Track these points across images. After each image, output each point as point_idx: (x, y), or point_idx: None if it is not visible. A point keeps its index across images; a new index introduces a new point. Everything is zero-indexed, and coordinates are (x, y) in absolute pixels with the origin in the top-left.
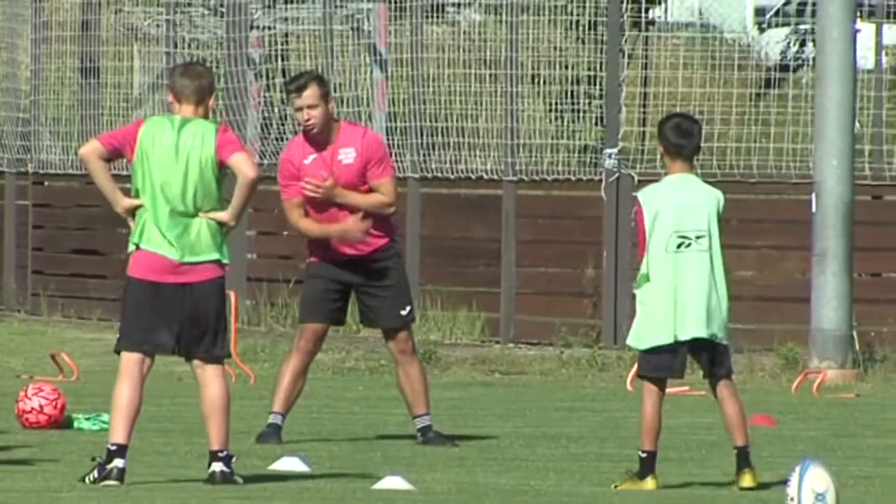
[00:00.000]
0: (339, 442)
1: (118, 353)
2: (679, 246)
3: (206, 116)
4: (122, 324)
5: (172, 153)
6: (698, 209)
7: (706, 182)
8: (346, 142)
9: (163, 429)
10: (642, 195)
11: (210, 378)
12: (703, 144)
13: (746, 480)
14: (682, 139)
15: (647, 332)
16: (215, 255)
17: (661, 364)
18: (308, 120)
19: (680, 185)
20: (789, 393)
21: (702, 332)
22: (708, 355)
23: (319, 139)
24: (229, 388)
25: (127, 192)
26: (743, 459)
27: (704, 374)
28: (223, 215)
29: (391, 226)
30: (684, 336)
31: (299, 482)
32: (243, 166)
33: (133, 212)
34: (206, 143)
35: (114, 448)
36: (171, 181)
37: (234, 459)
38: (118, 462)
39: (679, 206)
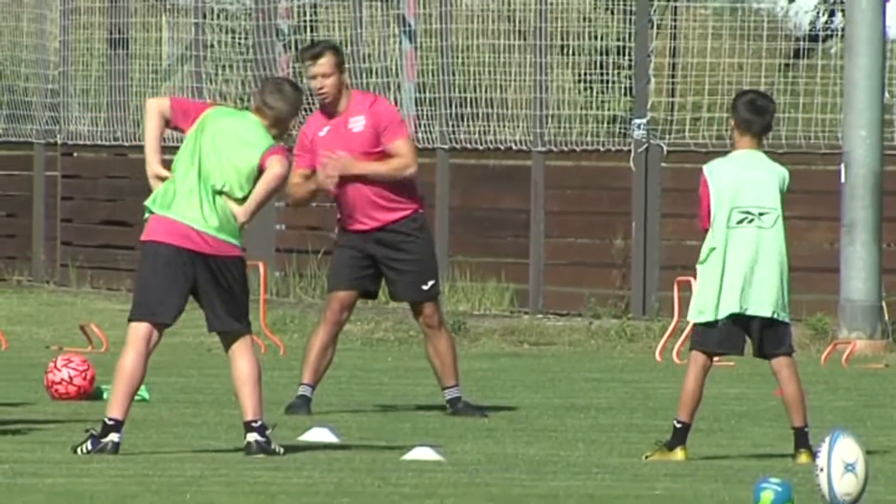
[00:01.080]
0: (368, 413)
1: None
2: (741, 221)
3: (279, 136)
4: (134, 292)
5: (227, 136)
6: (763, 185)
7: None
8: (356, 110)
9: (192, 400)
10: (707, 168)
11: (239, 352)
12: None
13: (802, 459)
14: (753, 115)
15: (706, 305)
16: (234, 240)
17: (714, 340)
18: (321, 88)
19: (745, 161)
20: (819, 363)
21: (763, 311)
22: (767, 332)
23: (331, 109)
24: (259, 360)
25: (167, 164)
26: (800, 439)
27: (756, 352)
28: (237, 209)
29: (416, 196)
30: (747, 310)
31: (329, 453)
32: (275, 163)
33: (161, 180)
34: (255, 148)
35: (111, 423)
36: (213, 158)
37: (270, 430)
38: (114, 436)
39: (743, 182)
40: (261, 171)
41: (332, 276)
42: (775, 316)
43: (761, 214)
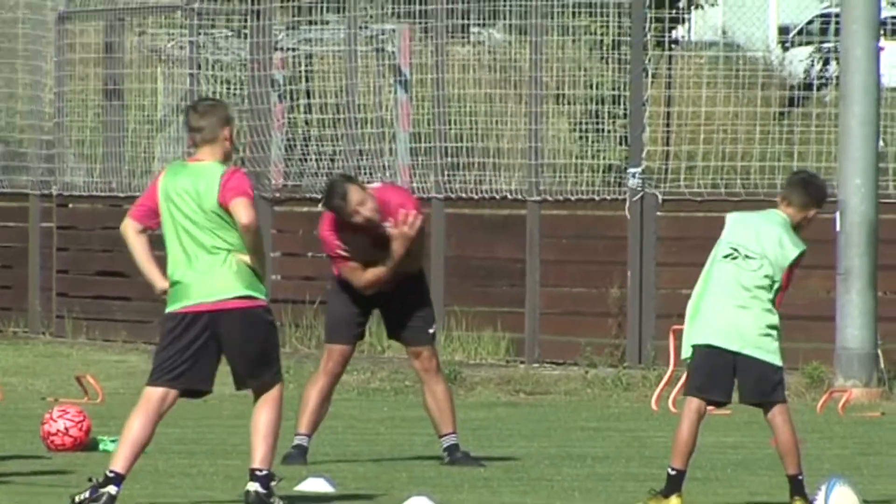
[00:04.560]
0: (364, 462)
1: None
2: (727, 256)
3: (225, 153)
4: (154, 357)
5: (189, 197)
6: (763, 236)
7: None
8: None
9: (188, 450)
10: (730, 216)
11: (262, 402)
12: (728, 164)
13: None
14: (791, 188)
15: (686, 338)
16: (248, 292)
17: (703, 384)
18: (367, 219)
19: (767, 216)
20: (815, 412)
21: (724, 342)
22: (747, 372)
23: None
24: (281, 413)
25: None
26: (795, 487)
27: (741, 397)
28: (246, 258)
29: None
30: (724, 345)
31: (325, 503)
32: (240, 211)
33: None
34: (211, 186)
35: (112, 475)
36: (193, 222)
37: (275, 483)
38: (111, 489)
39: (749, 224)
40: (224, 206)
41: (331, 328)
42: (758, 356)
43: (747, 257)
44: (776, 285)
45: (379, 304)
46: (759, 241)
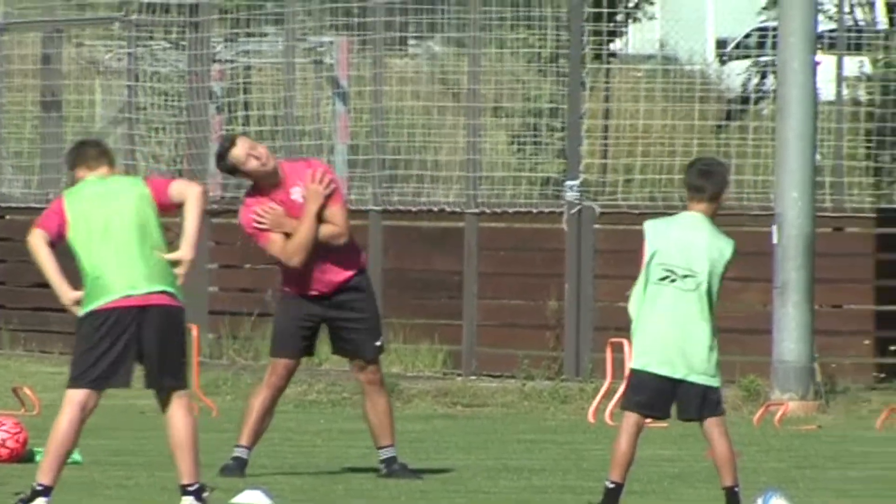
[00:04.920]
0: (301, 475)
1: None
2: (663, 279)
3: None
4: (73, 358)
5: (104, 198)
6: (696, 249)
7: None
8: (292, 181)
9: (125, 462)
10: (647, 225)
11: (175, 411)
12: (664, 176)
13: None
14: (699, 180)
15: (634, 357)
16: (170, 289)
17: (643, 402)
18: (258, 158)
19: (687, 223)
20: (751, 425)
21: (680, 374)
22: (694, 395)
23: (268, 182)
24: (196, 421)
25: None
26: (731, 499)
27: (681, 415)
28: (178, 254)
29: (360, 252)
30: (665, 373)
31: None
32: (186, 186)
33: (79, 302)
34: (135, 185)
35: (39, 488)
36: (111, 223)
37: (207, 493)
38: (40, 501)
39: (675, 241)
40: (161, 203)
41: (277, 341)
42: (699, 380)
43: (685, 276)
44: (715, 295)
45: (328, 318)
46: (690, 256)
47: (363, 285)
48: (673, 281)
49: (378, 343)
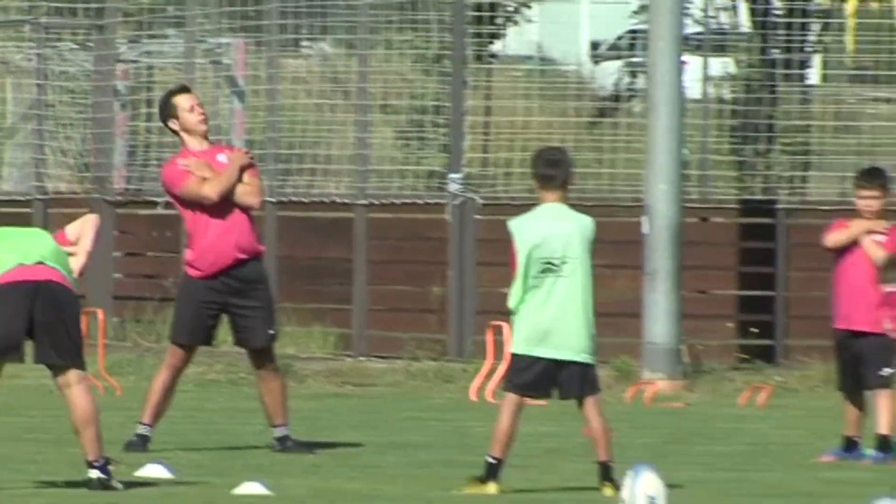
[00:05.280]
0: (201, 450)
1: None
2: (544, 271)
3: None
4: None
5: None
6: (566, 236)
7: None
8: (218, 150)
9: (35, 439)
10: (514, 225)
11: (75, 391)
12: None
13: (607, 492)
14: (551, 170)
15: (516, 344)
16: (63, 271)
17: (527, 382)
18: (202, 112)
19: (549, 214)
20: (623, 403)
21: (567, 355)
22: (574, 374)
23: (201, 138)
24: (96, 399)
25: None
26: (605, 473)
27: (561, 393)
28: (75, 249)
29: (258, 241)
30: (548, 355)
31: (164, 488)
32: (79, 221)
33: None
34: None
35: None
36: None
37: (113, 467)
38: None
39: (546, 234)
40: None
41: (178, 326)
42: (579, 359)
43: (563, 264)
44: (590, 275)
45: (227, 305)
46: (564, 244)
47: (262, 275)
48: (553, 270)
49: (272, 331)
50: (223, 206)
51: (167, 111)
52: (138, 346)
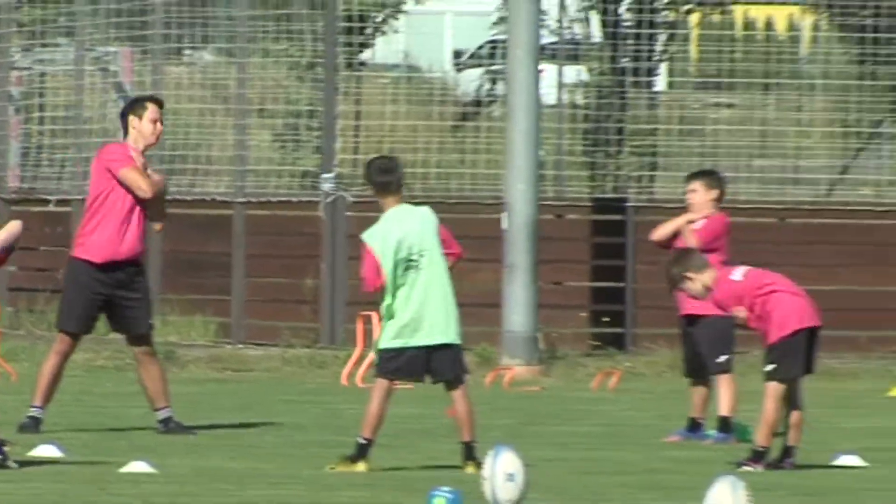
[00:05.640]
0: (90, 431)
1: None
2: (407, 269)
3: None
4: None
5: None
6: (418, 233)
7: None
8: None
9: None
10: (366, 236)
11: None
12: (409, 170)
13: (470, 470)
14: (385, 177)
15: (387, 339)
16: None
17: (399, 367)
18: (161, 131)
19: (396, 218)
20: (483, 387)
21: (437, 339)
22: (443, 357)
23: (145, 153)
24: None
25: None
26: (468, 452)
27: (433, 377)
28: None
29: (144, 236)
30: (422, 342)
31: (55, 467)
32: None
33: None
34: None
35: None
36: None
37: (8, 448)
38: None
39: (401, 237)
40: None
41: (66, 314)
42: (450, 341)
43: (421, 257)
44: (441, 253)
45: (111, 296)
46: (420, 240)
47: (143, 268)
48: (413, 266)
49: (151, 321)
50: (133, 203)
51: (136, 108)
52: (31, 334)
